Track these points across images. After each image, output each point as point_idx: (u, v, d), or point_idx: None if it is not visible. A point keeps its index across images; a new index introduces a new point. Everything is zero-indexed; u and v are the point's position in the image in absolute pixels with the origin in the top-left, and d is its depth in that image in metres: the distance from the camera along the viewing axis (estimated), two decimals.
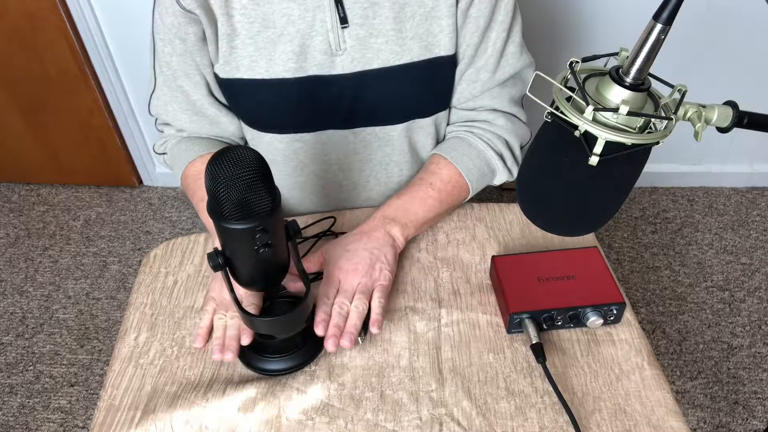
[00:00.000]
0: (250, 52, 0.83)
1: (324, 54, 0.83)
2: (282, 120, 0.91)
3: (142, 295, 0.85)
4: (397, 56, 0.85)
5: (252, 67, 0.84)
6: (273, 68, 0.84)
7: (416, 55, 0.85)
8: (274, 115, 0.90)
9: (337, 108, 0.89)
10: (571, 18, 1.76)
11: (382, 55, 0.84)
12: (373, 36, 0.83)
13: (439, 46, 0.85)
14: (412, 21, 0.83)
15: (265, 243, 0.63)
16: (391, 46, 0.84)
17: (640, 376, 0.73)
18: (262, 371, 0.74)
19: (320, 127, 0.92)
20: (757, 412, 1.53)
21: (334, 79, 0.86)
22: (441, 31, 0.84)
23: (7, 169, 2.22)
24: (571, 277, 0.79)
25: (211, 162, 0.60)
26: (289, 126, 0.91)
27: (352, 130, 0.92)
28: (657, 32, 0.45)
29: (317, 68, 0.85)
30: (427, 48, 0.85)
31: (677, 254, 1.93)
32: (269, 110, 0.89)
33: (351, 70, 0.85)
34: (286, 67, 0.84)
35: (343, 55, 0.84)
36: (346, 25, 0.82)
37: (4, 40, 1.83)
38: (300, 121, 0.91)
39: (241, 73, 0.85)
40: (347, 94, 0.87)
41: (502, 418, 0.69)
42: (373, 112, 0.91)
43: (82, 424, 1.54)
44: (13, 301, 1.85)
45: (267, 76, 0.84)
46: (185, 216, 2.12)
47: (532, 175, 0.61)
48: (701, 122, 0.53)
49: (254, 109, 0.90)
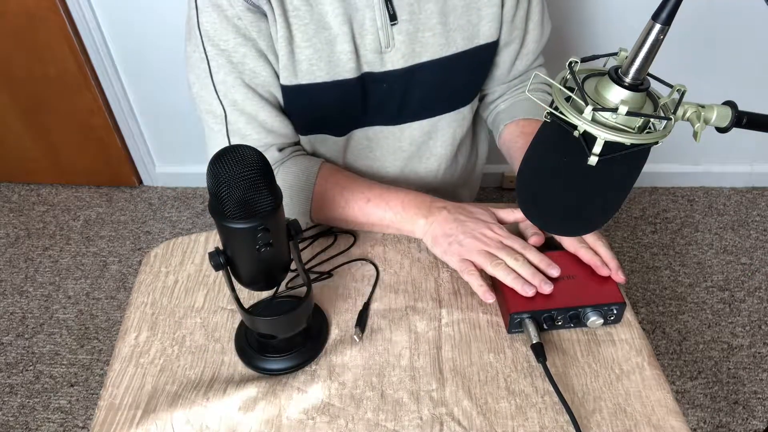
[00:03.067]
0: (308, 55, 0.81)
1: (374, 52, 0.84)
2: (338, 122, 0.91)
3: (143, 295, 0.85)
4: (443, 48, 0.87)
5: (312, 71, 0.82)
6: (334, 70, 0.83)
7: (461, 46, 0.88)
8: (332, 117, 0.90)
9: (387, 104, 0.90)
10: (570, 18, 1.76)
11: (430, 48, 0.86)
12: (420, 31, 0.84)
13: (479, 35, 0.89)
14: (454, 13, 0.85)
15: (267, 242, 0.63)
16: (438, 39, 0.86)
17: (640, 376, 0.73)
18: (262, 371, 0.74)
19: (369, 124, 0.93)
20: (757, 412, 1.53)
21: (385, 76, 0.86)
22: (481, 20, 0.87)
23: (7, 169, 2.22)
24: (571, 276, 0.79)
25: (214, 161, 0.60)
26: (344, 127, 0.92)
27: (399, 126, 0.94)
28: (656, 32, 0.45)
29: (368, 66, 0.85)
30: (469, 38, 0.88)
31: (677, 254, 1.93)
32: (328, 113, 0.89)
33: (401, 66, 0.86)
34: (347, 67, 0.83)
35: (391, 52, 0.84)
36: (395, 22, 0.82)
37: (4, 40, 1.83)
38: (353, 120, 0.91)
39: (299, 79, 0.83)
40: (398, 89, 0.88)
41: (502, 418, 0.69)
42: (422, 105, 0.92)
43: (82, 424, 1.54)
44: (13, 301, 1.85)
45: (328, 79, 0.83)
46: (185, 216, 2.12)
47: (532, 175, 0.61)
48: (700, 122, 0.53)
49: (312, 113, 0.88)
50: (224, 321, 0.81)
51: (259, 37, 0.79)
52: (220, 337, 0.79)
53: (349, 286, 0.84)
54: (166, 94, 1.95)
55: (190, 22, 0.80)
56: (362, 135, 0.94)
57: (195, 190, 2.21)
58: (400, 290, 0.83)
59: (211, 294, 0.84)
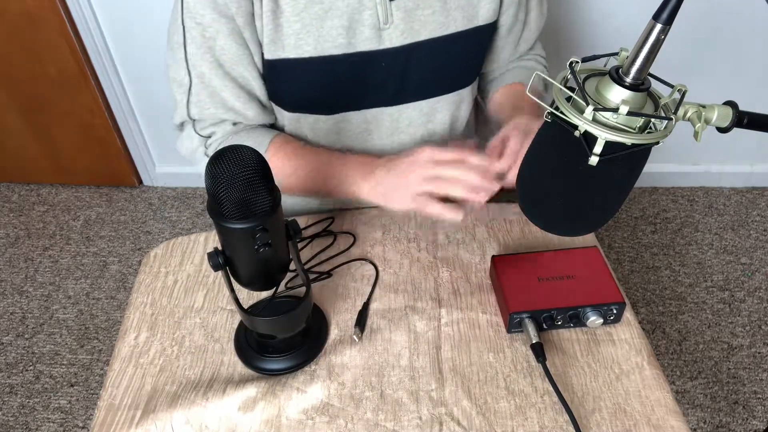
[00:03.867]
0: (296, 29, 0.80)
1: (372, 28, 0.83)
2: (330, 100, 0.90)
3: (142, 295, 0.85)
4: (443, 27, 0.86)
5: (299, 45, 0.81)
6: (321, 45, 0.82)
7: (460, 26, 0.87)
8: (322, 95, 0.89)
9: (385, 84, 0.89)
10: (571, 18, 1.76)
11: (429, 26, 0.85)
12: (419, 8, 0.84)
13: (478, 16, 0.88)
14: None
15: (265, 242, 0.63)
16: (437, 17, 0.85)
17: (640, 376, 0.73)
18: (262, 371, 0.74)
19: (367, 105, 0.92)
20: (757, 412, 1.53)
21: (383, 54, 0.85)
22: (480, 1, 0.87)
23: (7, 169, 2.22)
24: (571, 276, 0.79)
25: (212, 162, 0.60)
26: (336, 106, 0.91)
27: (398, 107, 0.93)
28: (657, 32, 0.45)
29: (365, 43, 0.84)
30: (468, 19, 0.88)
31: (677, 254, 1.93)
32: (317, 90, 0.88)
33: (399, 43, 0.85)
34: (336, 43, 0.82)
35: (390, 29, 0.83)
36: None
37: (4, 40, 1.83)
38: (348, 100, 0.90)
39: (286, 53, 0.82)
40: (396, 69, 0.88)
41: (502, 418, 0.69)
42: (421, 86, 0.92)
43: (82, 424, 1.54)
44: (13, 301, 1.85)
45: (315, 54, 0.82)
46: (185, 216, 2.12)
47: (532, 175, 0.61)
48: (701, 122, 0.53)
49: (300, 90, 0.88)
50: (224, 321, 0.81)
51: (237, 13, 0.79)
52: (220, 338, 0.79)
53: (348, 285, 0.84)
54: (166, 94, 1.94)
55: None
56: (360, 117, 0.93)
57: (195, 190, 2.21)
58: (400, 290, 0.83)
59: (210, 294, 0.84)
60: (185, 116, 0.88)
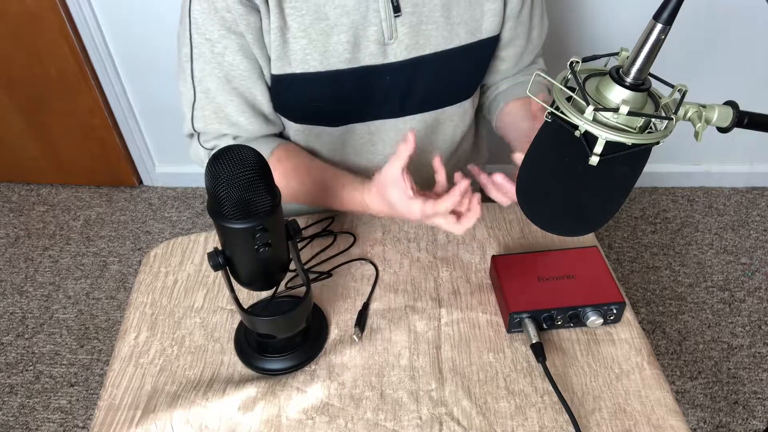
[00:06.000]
0: (302, 45, 0.82)
1: (377, 44, 0.84)
2: (335, 113, 0.91)
3: (142, 295, 0.85)
4: (447, 41, 0.87)
5: (305, 60, 0.83)
6: (327, 60, 0.83)
7: (464, 39, 0.88)
8: (328, 108, 0.90)
9: (389, 97, 0.90)
10: (571, 18, 1.76)
11: (433, 41, 0.86)
12: (423, 23, 0.85)
13: (481, 30, 0.89)
14: (458, 7, 0.86)
15: (265, 242, 0.63)
16: (441, 32, 0.86)
17: (640, 376, 0.73)
18: (262, 371, 0.74)
19: (372, 117, 0.93)
20: (757, 412, 1.53)
21: (388, 68, 0.87)
22: (483, 15, 0.88)
23: (7, 169, 2.22)
24: (571, 276, 0.79)
25: (212, 162, 0.60)
26: (341, 118, 0.92)
27: (402, 118, 0.94)
28: (657, 32, 0.45)
29: (370, 58, 0.85)
30: (471, 32, 0.89)
31: (677, 254, 1.93)
32: (323, 104, 0.89)
33: (404, 58, 0.86)
34: (341, 58, 0.84)
35: (394, 44, 0.85)
36: (398, 14, 0.83)
37: (4, 40, 1.83)
38: (353, 112, 0.92)
39: (293, 68, 0.84)
40: (400, 82, 0.89)
41: (501, 418, 0.69)
42: (425, 98, 0.93)
43: (82, 424, 1.54)
44: (13, 301, 1.85)
45: (321, 69, 0.84)
46: (185, 216, 2.12)
47: (532, 175, 0.61)
48: (701, 122, 0.53)
49: (306, 103, 0.89)
50: (224, 321, 0.81)
51: (247, 30, 0.80)
52: (220, 337, 0.79)
53: (348, 285, 0.84)
54: (166, 94, 1.95)
55: (184, 6, 0.82)
56: (364, 129, 0.94)
57: (195, 190, 2.21)
58: (400, 290, 0.83)
59: (210, 294, 0.84)
60: (191, 129, 0.90)
